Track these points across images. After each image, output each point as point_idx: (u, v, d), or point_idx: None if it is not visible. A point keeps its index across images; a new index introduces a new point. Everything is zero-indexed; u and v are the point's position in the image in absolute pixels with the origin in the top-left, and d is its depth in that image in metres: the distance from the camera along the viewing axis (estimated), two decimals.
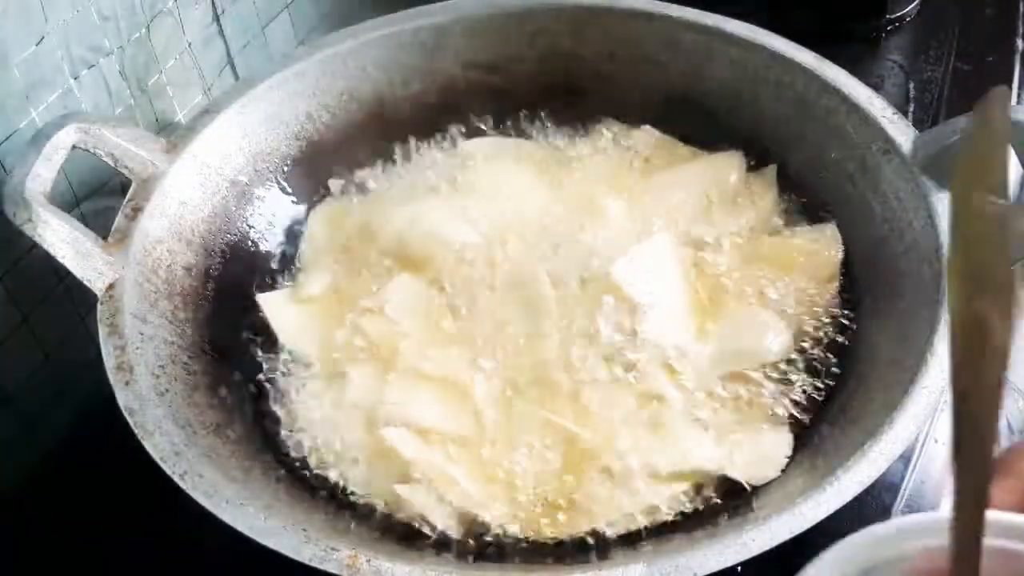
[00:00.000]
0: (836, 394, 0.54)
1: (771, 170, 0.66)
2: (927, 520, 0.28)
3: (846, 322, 0.57)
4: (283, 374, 0.58)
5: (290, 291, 0.63)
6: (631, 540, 0.49)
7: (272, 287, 0.64)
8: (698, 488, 0.51)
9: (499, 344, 0.57)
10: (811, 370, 0.55)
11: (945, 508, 0.27)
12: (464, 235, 0.62)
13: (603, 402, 0.54)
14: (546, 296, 0.58)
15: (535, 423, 0.54)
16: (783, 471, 0.51)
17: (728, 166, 0.66)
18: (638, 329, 0.56)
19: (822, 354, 0.56)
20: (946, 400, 0.56)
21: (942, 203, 0.53)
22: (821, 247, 0.61)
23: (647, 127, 0.69)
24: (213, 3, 0.70)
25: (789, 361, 0.56)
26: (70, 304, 0.61)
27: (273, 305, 0.62)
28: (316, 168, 0.68)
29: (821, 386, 0.55)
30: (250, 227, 0.64)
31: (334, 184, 0.69)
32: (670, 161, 0.68)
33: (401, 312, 0.59)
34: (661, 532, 0.50)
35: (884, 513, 0.51)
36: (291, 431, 0.56)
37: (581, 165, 0.68)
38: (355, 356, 0.58)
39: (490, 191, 0.66)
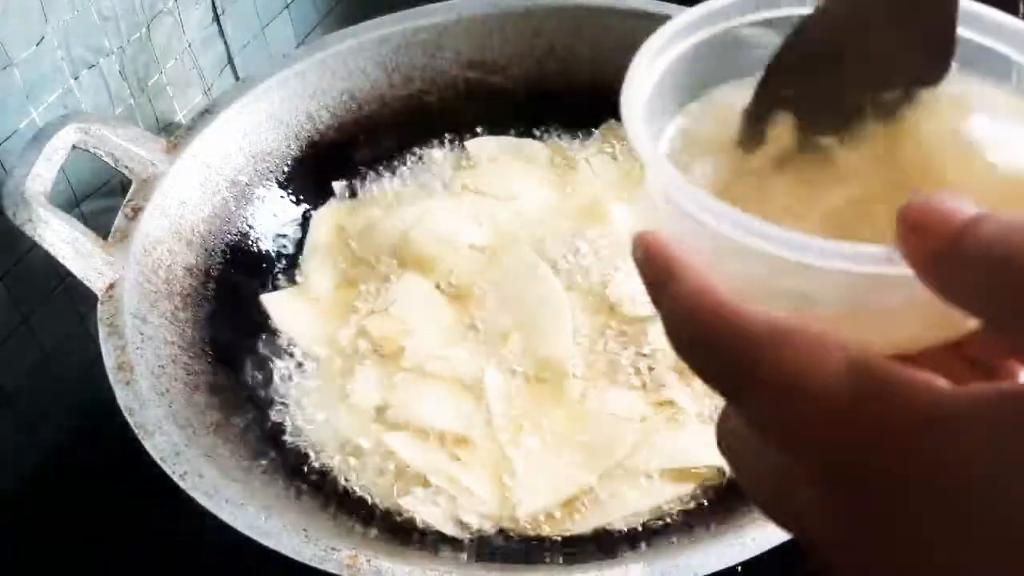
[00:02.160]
0: None
1: None
2: None
3: None
4: (285, 374, 0.58)
5: (294, 291, 0.63)
6: (632, 540, 0.49)
7: (273, 287, 0.64)
8: (703, 488, 0.51)
9: (506, 345, 0.57)
10: None
11: None
12: (470, 235, 0.62)
13: (612, 404, 0.54)
14: (554, 298, 0.58)
15: (540, 423, 0.54)
16: None
17: None
18: (643, 338, 0.56)
19: None
20: None
21: None
22: None
23: None
24: (213, 3, 0.70)
25: None
26: (70, 304, 0.61)
27: (277, 305, 0.62)
28: (317, 168, 0.68)
29: None
30: (250, 227, 0.64)
31: (336, 185, 0.69)
32: None
33: (407, 311, 0.59)
34: (662, 532, 0.50)
35: None
36: (292, 431, 0.56)
37: (587, 167, 0.68)
38: (360, 356, 0.58)
39: (495, 191, 0.66)
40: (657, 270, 0.22)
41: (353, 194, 0.69)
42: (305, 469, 0.54)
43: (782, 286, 0.22)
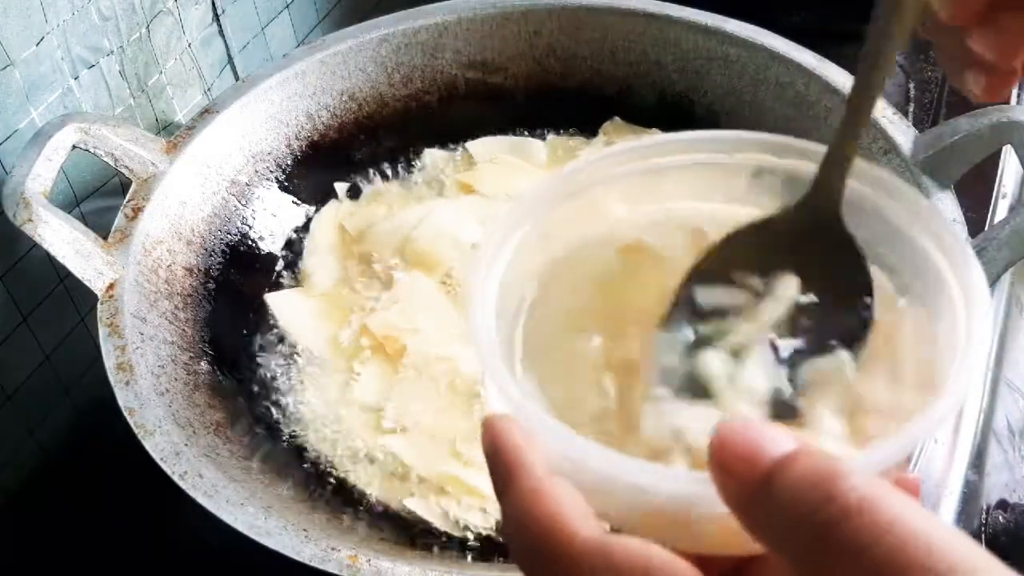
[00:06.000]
0: None
1: None
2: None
3: None
4: (286, 373, 0.58)
5: (297, 290, 0.63)
6: None
7: (273, 287, 0.64)
8: None
9: None
10: None
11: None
12: (473, 235, 0.62)
13: None
14: None
15: None
16: None
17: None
18: None
19: None
20: None
21: (942, 203, 0.53)
22: None
23: (655, 131, 0.69)
24: (213, 3, 0.69)
25: None
26: (70, 304, 0.61)
27: (281, 304, 0.62)
28: (317, 168, 0.68)
29: None
30: (250, 227, 0.64)
31: (338, 186, 0.69)
32: None
33: (410, 310, 0.59)
34: None
35: None
36: (293, 430, 0.56)
37: None
38: (362, 355, 0.58)
39: (495, 191, 0.66)
40: (500, 466, 0.23)
41: (354, 194, 0.69)
42: (306, 469, 0.54)
43: (620, 489, 0.23)
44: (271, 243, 0.65)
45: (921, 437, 0.22)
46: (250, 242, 0.64)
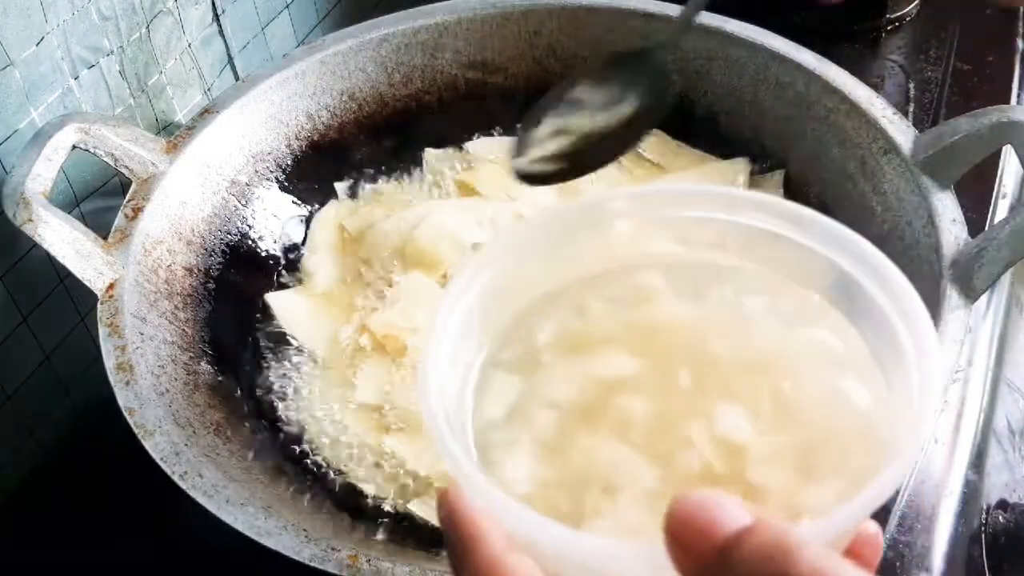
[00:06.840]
0: None
1: (778, 175, 0.66)
2: None
3: None
4: (286, 373, 0.58)
5: (298, 290, 0.63)
6: None
7: (274, 287, 0.64)
8: None
9: None
10: None
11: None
12: (473, 235, 0.62)
13: None
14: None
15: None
16: None
17: (733, 171, 0.66)
18: None
19: None
20: (946, 400, 0.56)
21: (942, 203, 0.53)
22: None
23: (657, 131, 0.69)
24: (213, 3, 0.69)
25: None
26: (70, 304, 0.61)
27: (282, 304, 0.62)
28: (317, 169, 0.68)
29: None
30: (250, 227, 0.64)
31: (338, 186, 0.69)
32: (677, 166, 0.68)
33: (411, 309, 0.59)
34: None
35: (884, 513, 0.51)
36: (293, 430, 0.56)
37: None
38: (363, 354, 0.58)
39: (495, 192, 0.66)
40: (457, 537, 0.24)
41: (354, 194, 0.69)
42: (305, 469, 0.54)
43: (572, 563, 0.24)
44: (271, 243, 0.65)
45: (873, 504, 0.22)
46: (250, 242, 0.64)
